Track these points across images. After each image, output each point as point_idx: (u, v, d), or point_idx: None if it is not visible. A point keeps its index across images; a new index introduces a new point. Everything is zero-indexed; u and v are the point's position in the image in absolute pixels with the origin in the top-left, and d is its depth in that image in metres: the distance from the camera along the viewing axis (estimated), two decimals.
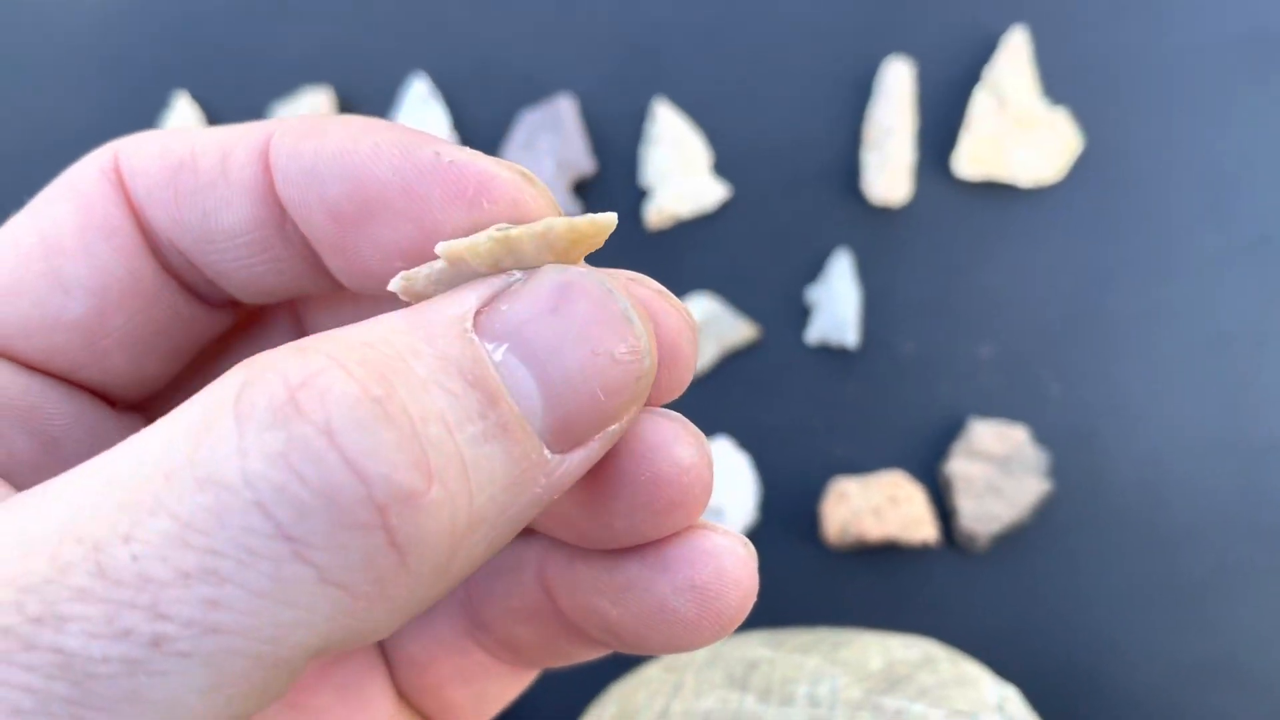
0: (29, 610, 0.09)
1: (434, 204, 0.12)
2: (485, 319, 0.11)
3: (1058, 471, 0.37)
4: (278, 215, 0.13)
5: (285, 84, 0.44)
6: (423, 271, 0.12)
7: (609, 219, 0.12)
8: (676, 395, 0.13)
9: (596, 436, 0.11)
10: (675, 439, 0.12)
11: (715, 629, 0.13)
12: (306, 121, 0.13)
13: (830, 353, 0.39)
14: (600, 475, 0.13)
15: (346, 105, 0.44)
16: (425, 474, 0.09)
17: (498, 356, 0.11)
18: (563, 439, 0.11)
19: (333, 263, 0.13)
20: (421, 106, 0.43)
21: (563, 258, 0.12)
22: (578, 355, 0.11)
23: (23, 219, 0.14)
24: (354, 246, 0.13)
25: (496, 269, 0.12)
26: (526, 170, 0.12)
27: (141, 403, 0.16)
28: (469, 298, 0.11)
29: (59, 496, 0.10)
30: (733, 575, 0.13)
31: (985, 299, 0.39)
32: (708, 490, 0.13)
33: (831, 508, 0.37)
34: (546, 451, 0.11)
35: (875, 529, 0.37)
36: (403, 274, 0.12)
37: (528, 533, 0.15)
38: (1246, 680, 0.36)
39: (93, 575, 0.09)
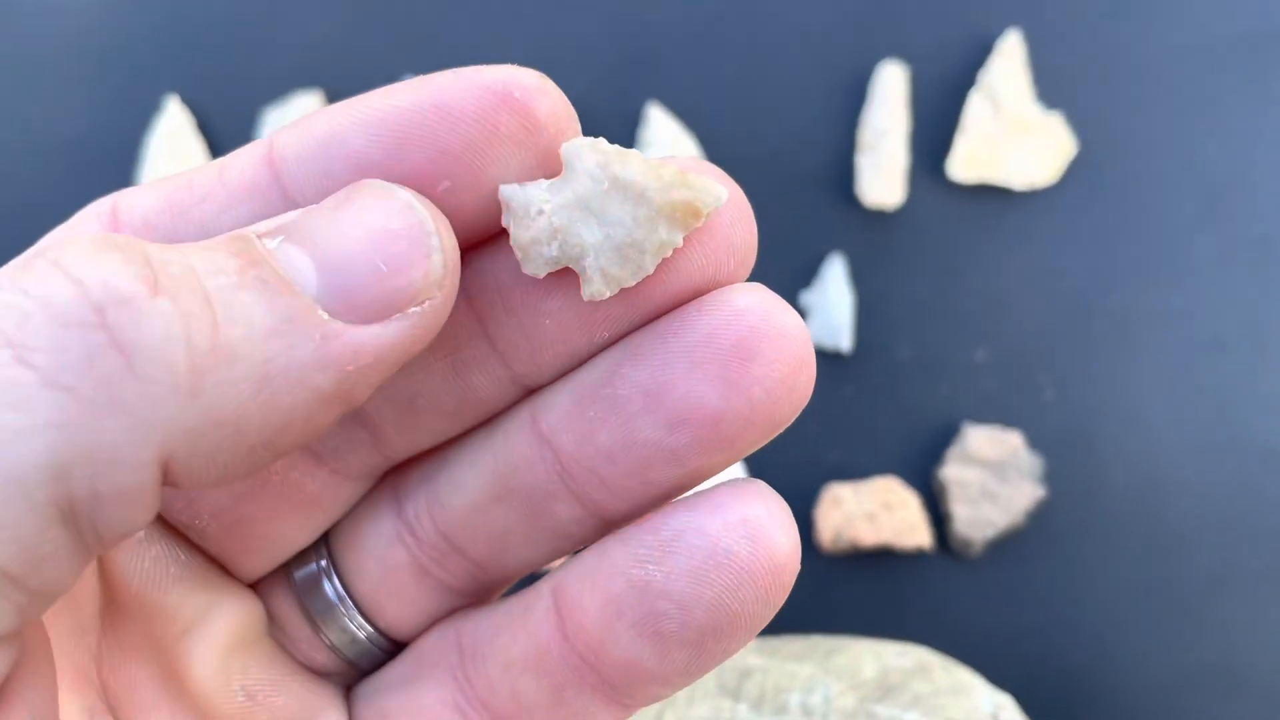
0: None
1: (469, 108, 0.12)
2: (269, 233, 0.12)
3: (1053, 477, 0.37)
4: (281, 208, 0.13)
5: (277, 88, 0.44)
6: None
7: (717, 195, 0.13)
8: (749, 259, 0.14)
9: (395, 315, 0.12)
10: (782, 305, 0.13)
11: (767, 573, 0.13)
12: (303, 116, 0.13)
13: (824, 357, 0.39)
14: (723, 350, 0.13)
15: None
16: (149, 285, 0.10)
17: (272, 245, 0.11)
18: (349, 309, 0.11)
19: None
20: None
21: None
22: (354, 234, 0.12)
23: (21, 262, 0.14)
24: None
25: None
26: (540, 73, 0.13)
27: None
28: (262, 224, 0.12)
29: None
30: (782, 518, 0.13)
31: (980, 303, 0.39)
32: (813, 353, 0.13)
33: (825, 513, 0.37)
34: (322, 312, 0.11)
35: (869, 535, 0.37)
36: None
37: (539, 579, 0.15)
38: (1243, 685, 0.36)
39: None
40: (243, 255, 0.11)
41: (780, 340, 0.13)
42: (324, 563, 0.16)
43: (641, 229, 0.13)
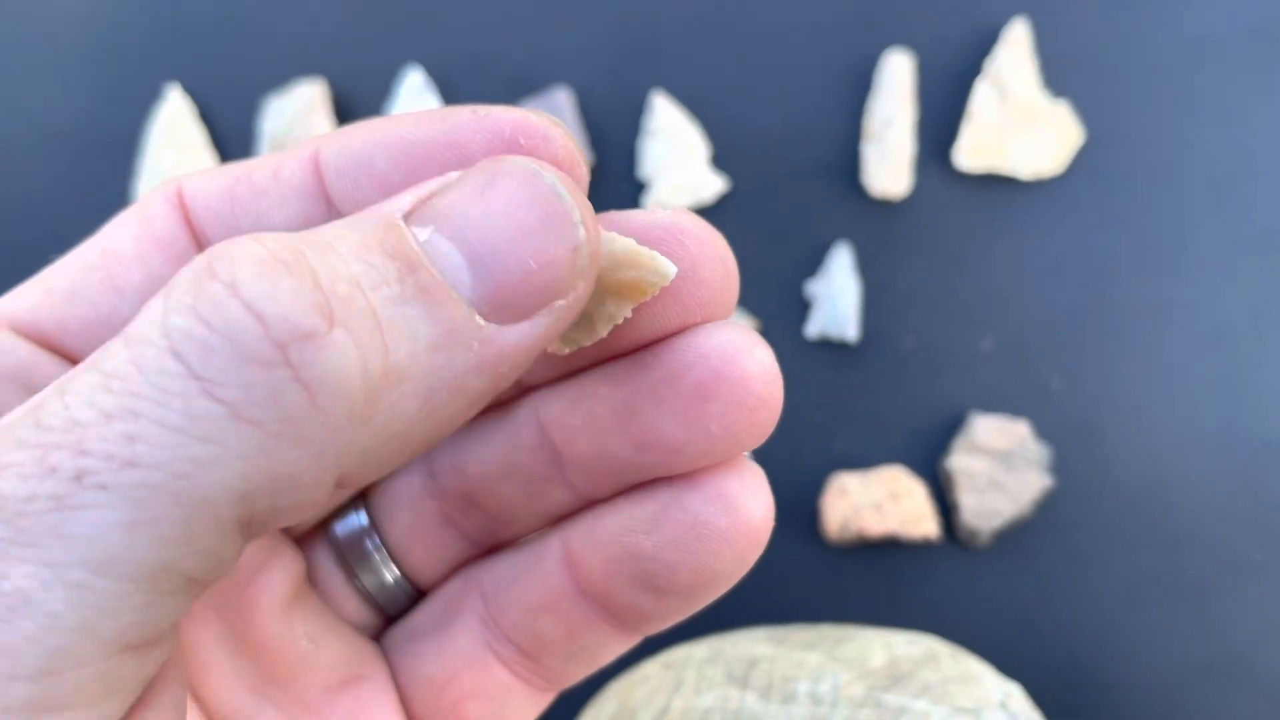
0: None
1: (478, 150, 0.13)
2: (417, 211, 0.12)
3: (1060, 466, 0.37)
4: (324, 212, 0.14)
5: (279, 76, 0.43)
6: None
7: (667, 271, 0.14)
8: (729, 310, 0.15)
9: (541, 310, 0.12)
10: (753, 344, 0.14)
11: (743, 540, 0.14)
12: (350, 127, 0.14)
13: (830, 347, 0.39)
14: (686, 391, 0.14)
15: (341, 97, 0.43)
16: (326, 317, 0.10)
17: (423, 236, 0.12)
18: (500, 309, 0.12)
19: None
20: (416, 99, 0.42)
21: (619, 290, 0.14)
22: (504, 229, 0.12)
23: (93, 239, 0.15)
24: None
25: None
26: (552, 117, 0.14)
27: None
28: (405, 196, 0.12)
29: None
30: (756, 488, 0.15)
31: (986, 292, 0.39)
32: (780, 389, 0.14)
33: (832, 503, 0.37)
34: (478, 318, 0.11)
35: (876, 525, 0.36)
36: None
37: (549, 531, 0.17)
38: (1250, 675, 0.36)
39: (31, 428, 0.10)
40: (399, 255, 0.11)
41: (740, 382, 0.14)
42: (363, 513, 0.17)
43: (591, 302, 0.14)
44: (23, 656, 0.09)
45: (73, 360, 0.15)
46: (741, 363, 0.14)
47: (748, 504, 0.14)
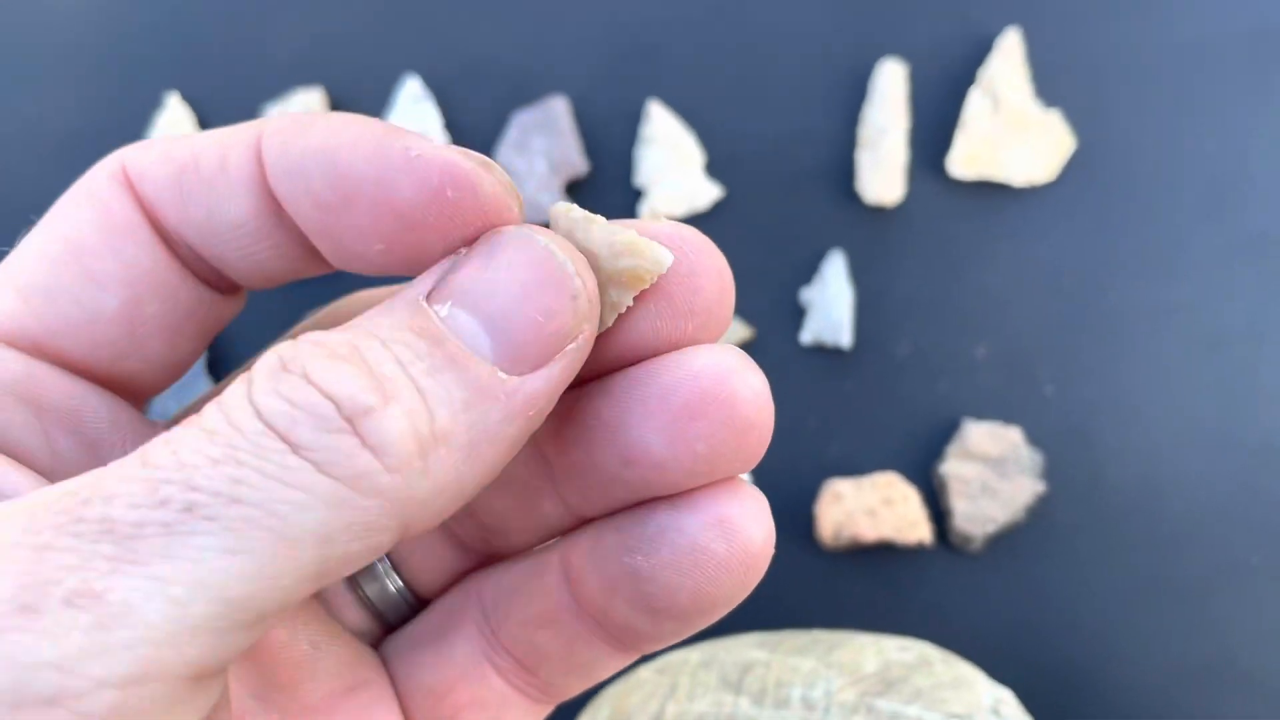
0: (81, 494, 0.11)
1: (404, 194, 0.13)
2: (436, 290, 0.13)
3: (1052, 472, 0.37)
4: (274, 205, 0.14)
5: (277, 84, 0.44)
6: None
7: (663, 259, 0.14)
8: (724, 328, 0.15)
9: (555, 356, 0.13)
10: (745, 367, 0.14)
11: (742, 567, 0.14)
12: (293, 119, 0.14)
13: (824, 353, 0.39)
14: (674, 409, 0.14)
15: (339, 106, 0.43)
16: (381, 394, 0.12)
17: (444, 313, 0.13)
18: (519, 362, 0.13)
19: (323, 246, 0.15)
20: (414, 107, 0.42)
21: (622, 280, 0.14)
22: (510, 291, 0.13)
23: (43, 229, 0.15)
24: (338, 233, 0.14)
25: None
26: (487, 159, 0.14)
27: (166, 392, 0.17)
28: (424, 281, 0.13)
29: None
30: (756, 514, 0.15)
31: (980, 299, 0.39)
32: (771, 416, 0.14)
33: (826, 509, 0.37)
34: (501, 374, 0.13)
35: (870, 530, 0.37)
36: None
37: (550, 544, 0.17)
38: (1243, 680, 0.36)
39: (137, 465, 0.11)
40: (426, 334, 0.13)
41: (729, 404, 0.14)
42: None
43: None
44: (117, 664, 0.10)
45: (66, 365, 0.15)
46: (731, 384, 0.14)
47: (747, 529, 0.14)
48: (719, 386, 0.14)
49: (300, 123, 0.14)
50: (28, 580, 0.10)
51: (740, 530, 0.14)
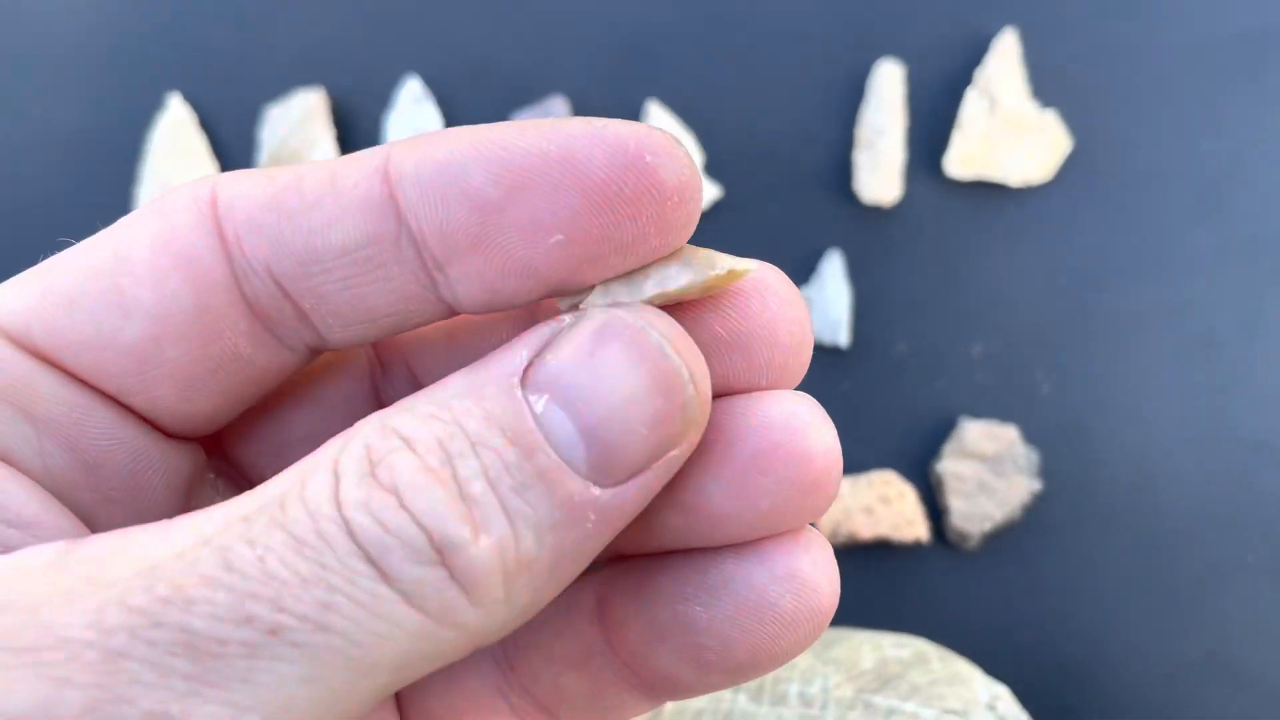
0: (158, 591, 0.10)
1: (597, 167, 0.12)
2: (531, 371, 0.12)
3: (1048, 470, 0.38)
4: (393, 229, 0.13)
5: (278, 85, 0.44)
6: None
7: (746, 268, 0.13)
8: (798, 377, 0.14)
9: (652, 466, 0.12)
10: (820, 422, 0.13)
11: (809, 624, 0.14)
12: (426, 134, 0.13)
13: (822, 352, 0.39)
14: (740, 459, 0.13)
15: (340, 107, 0.44)
16: (472, 526, 0.11)
17: (539, 408, 0.12)
18: (611, 474, 0.12)
19: (462, 269, 0.13)
20: (414, 108, 0.43)
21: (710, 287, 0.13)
22: (615, 397, 0.12)
23: (103, 235, 0.14)
24: (500, 234, 0.13)
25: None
26: (671, 134, 0.13)
27: (195, 435, 0.15)
28: (519, 352, 0.12)
29: (179, 524, 0.11)
30: (826, 568, 0.14)
31: (976, 299, 0.39)
32: (840, 473, 0.13)
33: None
34: (595, 489, 0.12)
35: (867, 528, 0.37)
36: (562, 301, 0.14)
37: (583, 576, 0.16)
38: (1237, 676, 0.36)
39: (219, 568, 0.10)
40: (518, 439, 0.12)
41: (800, 461, 0.13)
42: None
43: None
44: None
45: (71, 374, 0.14)
46: (805, 439, 0.13)
47: (817, 585, 0.14)
48: (791, 440, 0.13)
49: (436, 134, 0.13)
50: (99, 695, 0.10)
51: (810, 586, 0.14)
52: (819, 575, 0.14)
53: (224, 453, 0.16)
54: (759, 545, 0.14)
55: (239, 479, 0.16)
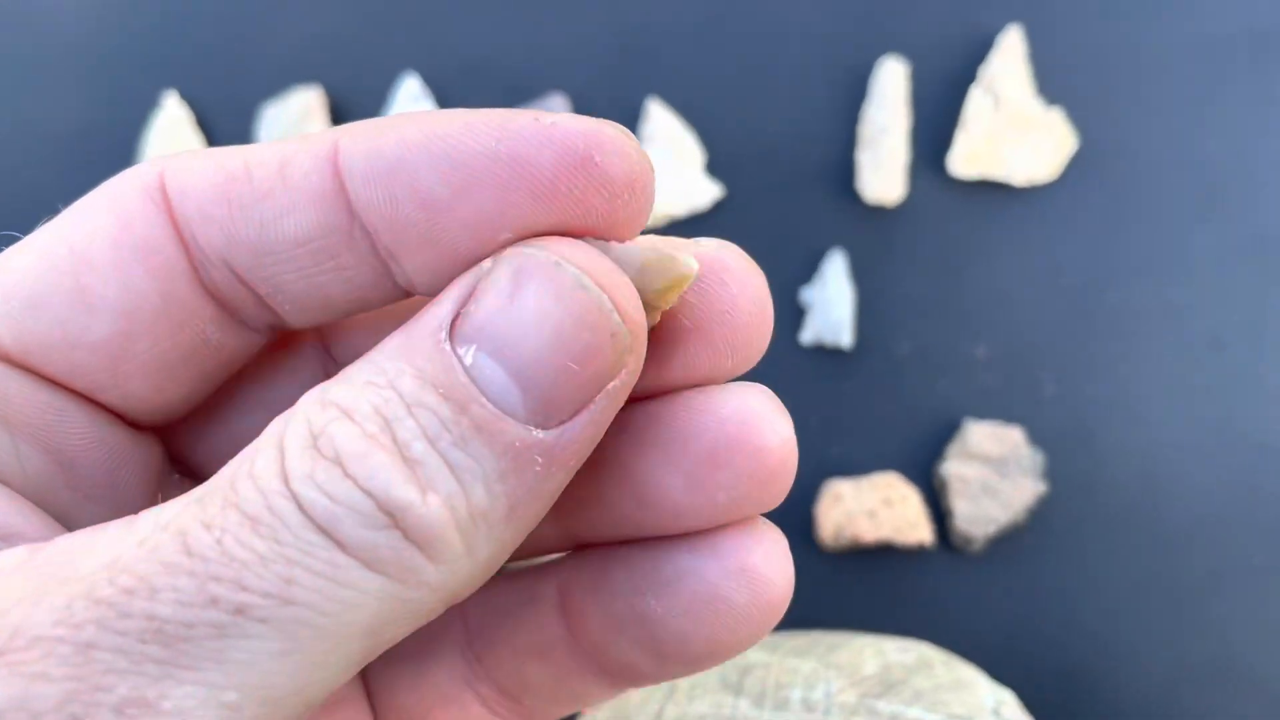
0: (122, 583, 0.10)
1: (546, 167, 0.12)
2: (458, 323, 0.12)
3: (1053, 473, 0.37)
4: (345, 221, 0.13)
5: (276, 83, 0.44)
6: None
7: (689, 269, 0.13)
8: (761, 350, 0.14)
9: (595, 400, 0.12)
10: (774, 414, 0.13)
11: (762, 617, 0.14)
12: (372, 124, 0.13)
13: (825, 353, 0.39)
14: (697, 453, 0.13)
15: (337, 104, 0.43)
16: (419, 486, 0.11)
17: (468, 359, 0.12)
18: (552, 415, 0.12)
19: (413, 261, 0.13)
20: (412, 106, 0.42)
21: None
22: (539, 338, 0.12)
23: (53, 229, 0.13)
24: (449, 232, 0.13)
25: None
26: (619, 126, 0.13)
27: (161, 426, 0.15)
28: (444, 306, 0.12)
29: (142, 517, 0.11)
30: (779, 561, 0.14)
31: (980, 299, 0.39)
32: (795, 463, 0.14)
33: (826, 509, 0.37)
34: (537, 432, 0.12)
35: (870, 531, 0.37)
36: None
37: (544, 567, 0.16)
38: (1244, 681, 0.36)
39: (180, 553, 0.11)
40: (450, 394, 0.12)
41: (755, 454, 0.13)
42: None
43: None
44: None
45: (41, 376, 0.14)
46: (760, 432, 0.13)
47: (770, 577, 0.14)
48: (746, 434, 0.13)
49: (385, 123, 0.13)
50: (75, 687, 0.10)
51: (763, 579, 0.14)
52: (771, 568, 0.14)
53: (182, 449, 0.16)
54: (712, 538, 0.14)
55: (197, 468, 0.16)
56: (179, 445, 0.16)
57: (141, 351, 0.14)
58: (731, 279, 0.14)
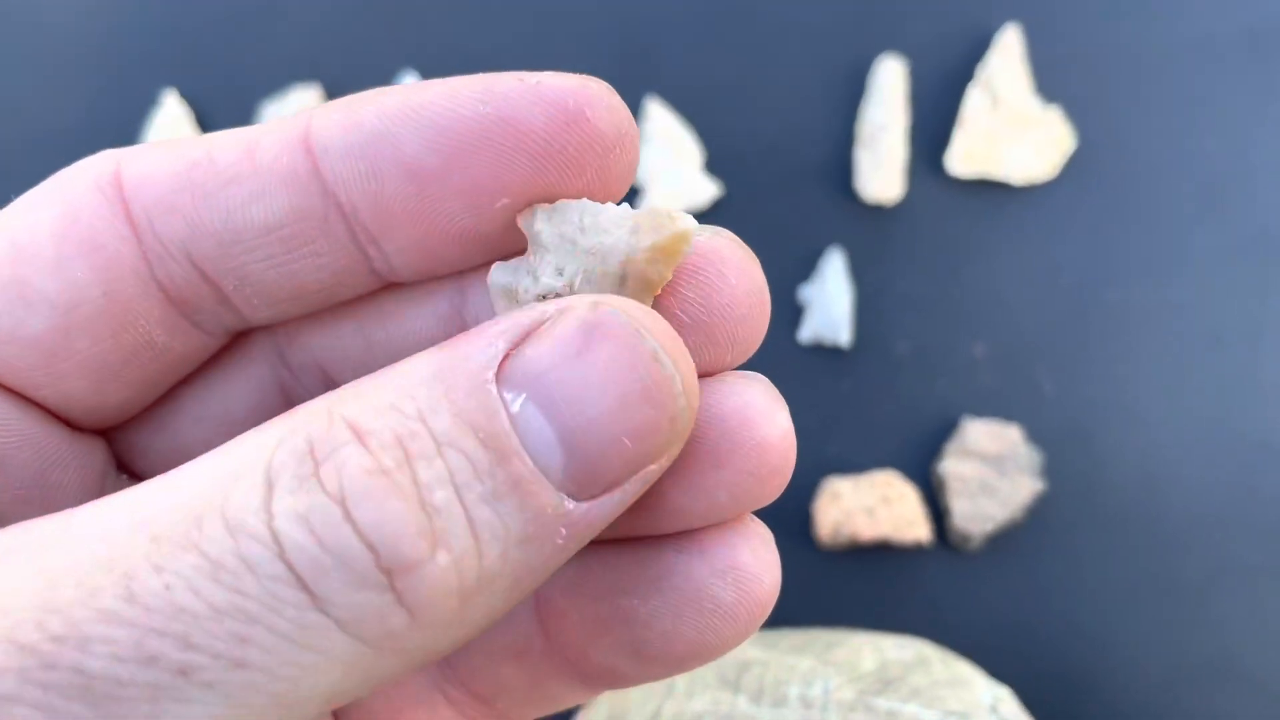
0: (51, 629, 0.09)
1: (538, 127, 0.12)
2: (509, 365, 0.11)
3: (1051, 471, 0.37)
4: (319, 204, 0.12)
5: (275, 82, 0.44)
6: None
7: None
8: (760, 338, 0.13)
9: (630, 480, 0.11)
10: (773, 407, 0.13)
11: (749, 616, 0.13)
12: (347, 99, 0.12)
13: (823, 352, 0.39)
14: (697, 455, 0.13)
15: None
16: (430, 541, 0.10)
17: (515, 407, 0.11)
18: (588, 487, 0.11)
19: (397, 241, 0.12)
20: None
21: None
22: (601, 404, 0.11)
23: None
24: (435, 205, 0.12)
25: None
26: (599, 80, 0.12)
27: (106, 428, 0.15)
28: (498, 342, 0.11)
29: (82, 529, 0.10)
30: (767, 558, 0.13)
31: (979, 297, 0.39)
32: (794, 453, 0.13)
33: (824, 507, 0.37)
34: (568, 502, 0.11)
35: (868, 529, 0.37)
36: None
37: None
38: (1241, 679, 0.36)
39: (121, 600, 0.09)
40: (491, 442, 0.10)
41: (756, 452, 0.13)
42: None
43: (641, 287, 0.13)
44: None
45: None
46: (760, 429, 0.13)
47: (757, 576, 0.13)
48: (747, 432, 0.13)
49: (358, 98, 0.12)
50: None
51: (751, 577, 0.13)
52: (759, 566, 0.13)
53: (128, 453, 0.16)
54: (699, 536, 0.13)
55: (142, 471, 0.16)
56: (125, 449, 0.15)
57: (80, 350, 0.13)
58: (730, 270, 0.13)
